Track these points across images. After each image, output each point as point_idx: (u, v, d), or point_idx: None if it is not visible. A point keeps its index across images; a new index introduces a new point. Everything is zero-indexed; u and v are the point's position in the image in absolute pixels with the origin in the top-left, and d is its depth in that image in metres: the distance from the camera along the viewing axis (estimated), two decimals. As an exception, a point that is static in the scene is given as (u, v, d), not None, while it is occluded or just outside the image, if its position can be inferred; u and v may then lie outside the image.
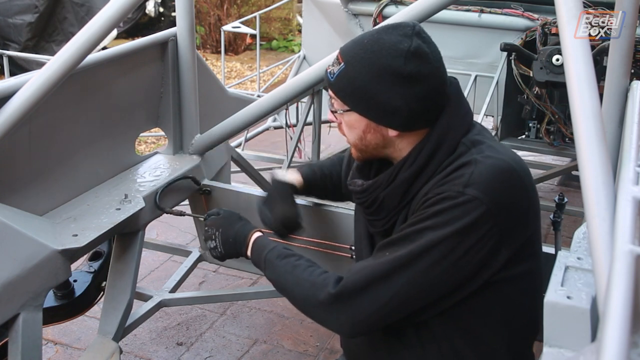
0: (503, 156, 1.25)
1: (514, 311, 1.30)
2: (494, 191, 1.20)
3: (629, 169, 0.86)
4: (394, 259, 1.22)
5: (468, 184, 1.20)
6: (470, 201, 1.18)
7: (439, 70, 1.27)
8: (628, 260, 0.63)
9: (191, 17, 1.99)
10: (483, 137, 1.31)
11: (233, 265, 2.20)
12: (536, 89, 3.01)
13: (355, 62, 1.26)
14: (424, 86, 1.24)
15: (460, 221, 1.18)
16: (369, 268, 1.24)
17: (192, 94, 2.06)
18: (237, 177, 2.94)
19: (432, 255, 1.20)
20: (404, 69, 1.22)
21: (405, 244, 1.22)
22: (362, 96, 1.26)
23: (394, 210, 1.33)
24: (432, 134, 1.28)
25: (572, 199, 2.32)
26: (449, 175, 1.23)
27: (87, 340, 2.60)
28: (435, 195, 1.22)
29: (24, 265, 1.41)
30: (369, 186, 1.35)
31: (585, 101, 1.04)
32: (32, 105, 1.48)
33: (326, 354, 2.59)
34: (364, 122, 1.30)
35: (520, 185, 1.25)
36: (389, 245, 1.25)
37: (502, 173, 1.23)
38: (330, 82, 1.31)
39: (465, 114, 1.33)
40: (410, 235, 1.22)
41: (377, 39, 1.26)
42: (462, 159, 1.25)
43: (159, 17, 8.58)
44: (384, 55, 1.23)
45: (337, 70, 1.29)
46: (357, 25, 3.59)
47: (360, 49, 1.27)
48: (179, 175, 1.96)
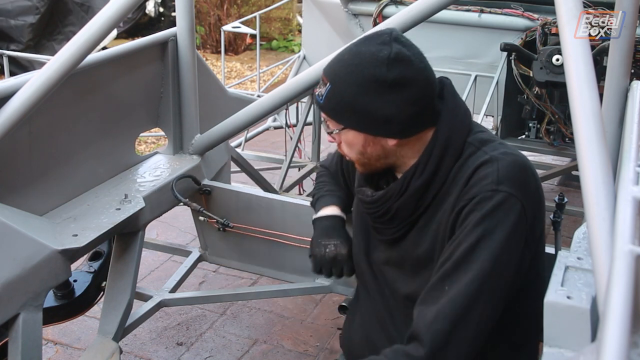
0: (517, 152, 1.27)
1: (521, 314, 1.31)
2: (522, 186, 1.21)
3: (629, 169, 0.86)
4: (465, 290, 1.17)
5: (499, 181, 1.19)
6: (507, 199, 1.18)
7: (424, 72, 1.26)
8: (628, 260, 0.63)
9: (191, 17, 1.99)
10: (489, 135, 1.31)
11: (233, 265, 2.20)
12: (536, 89, 3.01)
13: (340, 80, 1.26)
14: (412, 90, 1.23)
15: (506, 222, 1.18)
16: (445, 311, 1.17)
17: (192, 94, 2.06)
18: (237, 177, 2.94)
19: (497, 268, 1.17)
20: (387, 76, 1.21)
21: (466, 269, 1.17)
22: (353, 111, 1.26)
23: (407, 219, 1.32)
24: (436, 139, 1.27)
25: (572, 199, 2.32)
26: (471, 178, 1.22)
27: (87, 340, 2.60)
28: (468, 201, 1.21)
29: (24, 265, 1.41)
30: (380, 197, 1.34)
31: (585, 101, 1.04)
32: (32, 105, 1.48)
33: (326, 354, 2.59)
34: (361, 137, 1.29)
35: (537, 182, 1.27)
36: (445, 277, 1.20)
37: (525, 169, 1.24)
38: (320, 105, 1.31)
39: (464, 114, 1.33)
40: (465, 257, 1.18)
41: (355, 52, 1.26)
42: (475, 158, 1.25)
43: (159, 17, 8.58)
44: (366, 66, 1.23)
45: (325, 91, 1.28)
46: (357, 25, 3.59)
47: (342, 66, 1.27)
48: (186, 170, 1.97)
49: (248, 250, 2.09)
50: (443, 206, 1.28)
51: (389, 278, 1.42)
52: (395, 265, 1.40)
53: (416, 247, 1.34)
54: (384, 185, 1.41)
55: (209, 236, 2.15)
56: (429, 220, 1.31)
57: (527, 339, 1.37)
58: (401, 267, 1.39)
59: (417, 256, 1.33)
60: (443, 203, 1.28)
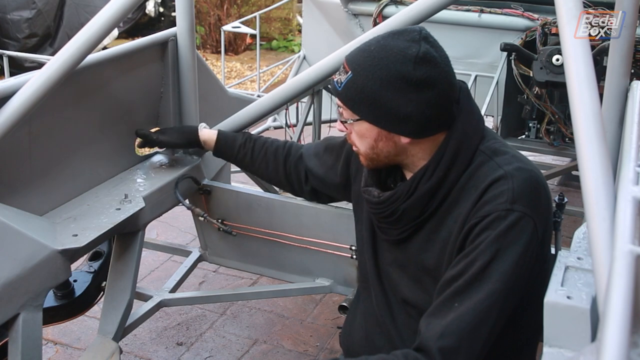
0: (530, 167, 1.26)
1: (525, 317, 1.31)
2: (536, 204, 1.20)
3: (629, 169, 0.86)
4: (474, 309, 1.16)
5: (514, 200, 1.18)
6: (521, 218, 1.18)
7: (448, 74, 1.25)
8: (628, 260, 0.63)
9: (191, 17, 1.99)
10: (502, 145, 1.30)
11: (233, 266, 2.20)
12: (536, 89, 3.01)
13: (363, 70, 1.24)
14: (434, 91, 1.22)
15: (519, 242, 1.17)
16: (452, 327, 1.17)
17: (192, 94, 2.06)
18: (237, 177, 2.94)
19: (508, 287, 1.17)
20: (413, 75, 1.20)
21: (477, 287, 1.17)
22: (372, 104, 1.24)
23: (413, 221, 1.31)
24: (448, 143, 1.26)
25: (572, 199, 2.32)
26: (485, 193, 1.22)
27: (87, 340, 2.60)
28: (481, 219, 1.20)
29: (24, 265, 1.41)
30: (387, 198, 1.32)
31: (585, 101, 1.04)
32: (32, 105, 1.48)
33: (326, 354, 2.59)
34: (375, 130, 1.28)
35: (548, 196, 1.26)
36: (456, 294, 1.19)
37: (538, 186, 1.23)
38: (338, 92, 1.29)
39: (478, 121, 1.31)
40: (477, 275, 1.18)
41: (383, 45, 1.24)
42: (487, 169, 1.24)
43: (159, 17, 8.58)
44: (392, 61, 1.21)
45: (345, 79, 1.26)
46: (357, 25, 3.59)
47: (367, 57, 1.24)
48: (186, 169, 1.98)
49: (248, 250, 2.09)
50: (452, 214, 1.27)
51: (392, 279, 1.41)
52: (400, 267, 1.39)
53: (422, 252, 1.33)
54: (391, 184, 1.40)
55: (209, 236, 2.16)
56: (438, 227, 1.30)
57: (527, 339, 1.37)
58: (405, 269, 1.38)
59: (423, 262, 1.33)
60: (452, 210, 1.27)
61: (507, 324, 1.23)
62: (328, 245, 1.91)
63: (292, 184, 1.76)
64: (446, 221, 1.28)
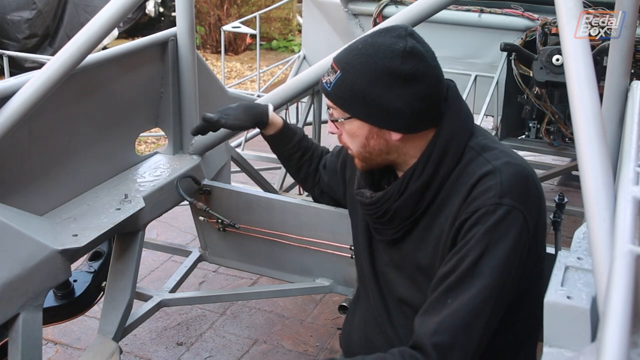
0: (519, 161, 1.26)
1: (522, 314, 1.31)
2: (525, 198, 1.20)
3: (629, 169, 0.86)
4: (467, 304, 1.17)
5: (502, 194, 1.19)
6: (510, 212, 1.18)
7: (436, 69, 1.27)
8: (628, 260, 0.63)
9: (191, 17, 1.99)
10: (491, 141, 1.30)
11: (233, 266, 2.20)
12: (536, 89, 3.01)
13: (352, 68, 1.25)
14: (423, 85, 1.23)
15: (509, 236, 1.18)
16: (446, 324, 1.17)
17: (192, 94, 2.06)
18: (237, 177, 2.94)
19: (500, 281, 1.17)
20: (401, 69, 1.22)
21: (469, 283, 1.17)
22: (362, 101, 1.25)
23: (406, 220, 1.32)
24: (437, 141, 1.27)
25: (572, 199, 2.32)
26: (474, 189, 1.22)
27: (87, 340, 2.60)
28: (471, 214, 1.20)
29: (24, 265, 1.41)
30: (379, 198, 1.33)
31: (585, 101, 1.04)
32: (32, 105, 1.48)
33: (326, 354, 2.59)
34: (366, 128, 1.29)
35: (538, 190, 1.26)
36: (448, 291, 1.19)
37: (526, 179, 1.23)
38: (328, 92, 1.30)
39: (466, 118, 1.32)
40: (469, 271, 1.18)
41: (371, 42, 1.26)
42: (476, 165, 1.24)
43: (159, 17, 8.58)
44: (380, 57, 1.23)
45: (334, 78, 1.27)
46: (357, 25, 3.59)
47: (355, 55, 1.26)
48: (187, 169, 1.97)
49: (248, 250, 2.09)
50: (444, 211, 1.27)
51: (389, 280, 1.42)
52: (396, 267, 1.40)
53: (416, 251, 1.33)
54: (385, 185, 1.40)
55: (209, 236, 2.15)
56: (431, 225, 1.30)
57: (527, 339, 1.37)
58: (401, 269, 1.39)
59: (417, 261, 1.33)
60: (444, 208, 1.28)
61: (503, 320, 1.23)
62: (328, 245, 1.91)
63: (314, 191, 1.80)
64: (438, 219, 1.28)
